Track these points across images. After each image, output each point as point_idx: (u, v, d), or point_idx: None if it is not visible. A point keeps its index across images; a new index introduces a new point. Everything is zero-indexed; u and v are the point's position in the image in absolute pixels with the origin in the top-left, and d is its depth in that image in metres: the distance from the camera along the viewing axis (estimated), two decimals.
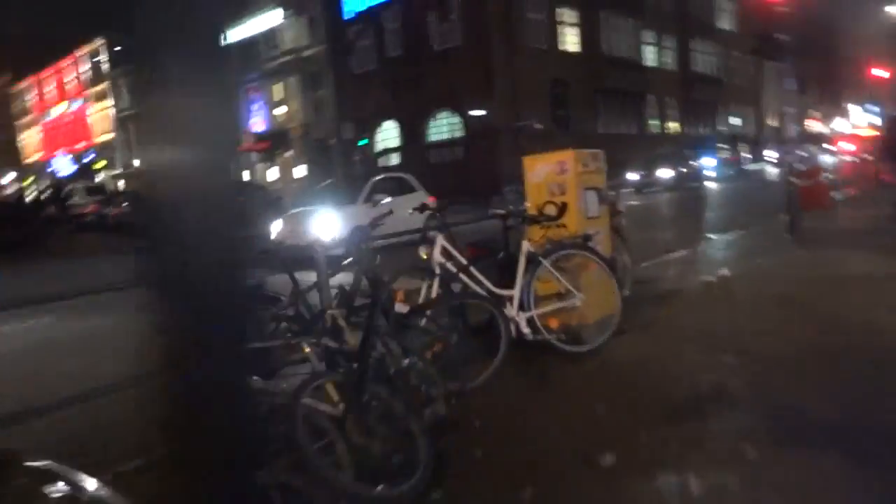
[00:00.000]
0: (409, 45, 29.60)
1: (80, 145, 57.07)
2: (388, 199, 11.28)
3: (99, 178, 54.16)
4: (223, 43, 2.29)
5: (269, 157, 38.43)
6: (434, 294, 4.45)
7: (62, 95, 59.14)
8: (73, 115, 57.85)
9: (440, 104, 29.31)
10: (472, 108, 27.10)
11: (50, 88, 61.02)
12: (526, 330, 4.47)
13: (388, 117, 31.66)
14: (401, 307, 3.62)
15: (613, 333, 4.59)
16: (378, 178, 12.03)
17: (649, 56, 38.15)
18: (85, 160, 56.13)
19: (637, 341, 4.74)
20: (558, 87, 30.21)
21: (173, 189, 1.94)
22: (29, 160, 66.15)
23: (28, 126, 65.74)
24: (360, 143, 20.24)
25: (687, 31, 40.96)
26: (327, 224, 10.78)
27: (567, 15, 31.42)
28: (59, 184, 40.58)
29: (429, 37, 29.13)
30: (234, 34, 35.62)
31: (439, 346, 3.79)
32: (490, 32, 27.27)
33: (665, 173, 24.02)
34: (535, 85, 28.58)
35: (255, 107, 38.71)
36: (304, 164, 35.54)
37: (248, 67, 38.43)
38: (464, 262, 4.49)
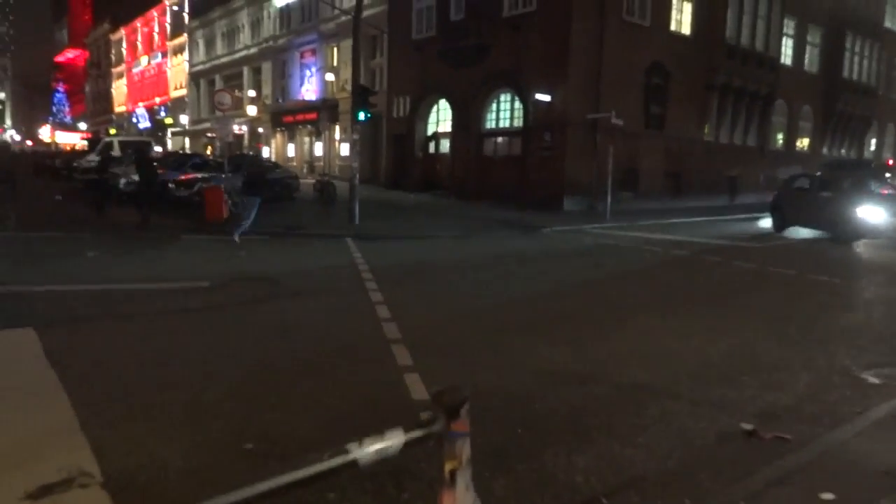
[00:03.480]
0: (473, 6, 23.94)
1: (157, 100, 55.75)
2: None
3: (168, 135, 52.63)
4: None
5: (317, 131, 34.15)
6: None
7: (147, 48, 58.04)
8: (155, 67, 56.56)
9: (502, 83, 23.55)
10: (540, 91, 21.21)
11: (138, 40, 60.18)
12: None
13: (444, 95, 26.27)
14: None
15: None
16: None
17: (786, 51, 30.36)
18: (158, 116, 54.73)
19: None
20: (657, 76, 23.60)
21: None
22: (118, 109, 66.35)
23: (120, 76, 65.75)
24: (359, 115, 14.90)
25: (841, 24, 32.57)
26: None
27: None
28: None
29: None
30: None
31: None
32: None
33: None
34: (625, 69, 22.20)
35: (308, 72, 34.43)
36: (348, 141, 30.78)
37: (306, 28, 34.25)
38: None
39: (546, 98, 20.95)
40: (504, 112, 24.18)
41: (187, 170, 20.26)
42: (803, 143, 33.26)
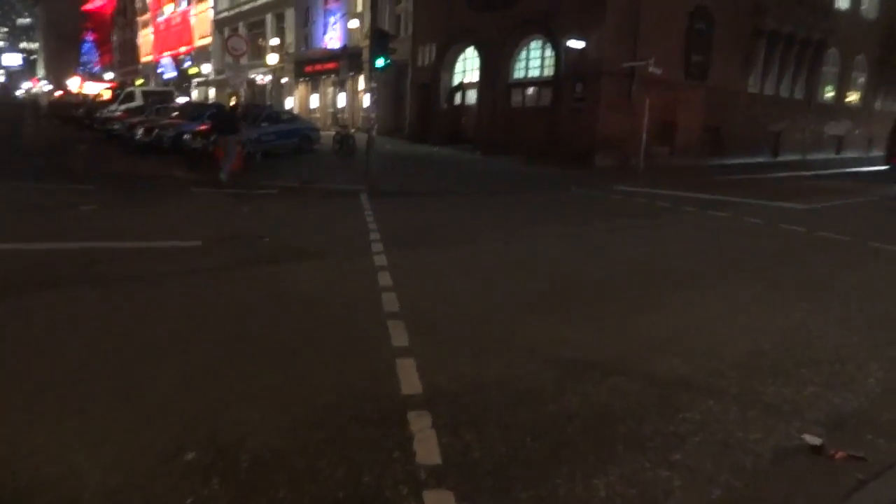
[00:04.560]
0: None
1: (182, 49, 54.91)
2: None
3: (193, 85, 52.00)
4: None
5: (340, 82, 33.07)
6: None
7: None
8: (180, 16, 55.54)
9: (533, 29, 22.18)
10: (573, 38, 19.84)
11: None
12: None
13: (472, 43, 24.96)
14: None
15: None
16: None
17: None
18: (183, 66, 53.99)
19: None
20: (700, 21, 21.95)
21: None
22: (145, 59, 65.75)
23: (146, 25, 64.90)
24: (377, 62, 13.97)
25: None
26: None
27: None
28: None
29: None
30: None
31: None
32: None
33: None
34: (666, 13, 20.65)
35: (332, 19, 33.17)
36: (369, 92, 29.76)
37: None
38: None
39: (580, 45, 19.61)
40: (534, 61, 22.86)
41: (205, 121, 19.59)
42: (854, 96, 31.14)
